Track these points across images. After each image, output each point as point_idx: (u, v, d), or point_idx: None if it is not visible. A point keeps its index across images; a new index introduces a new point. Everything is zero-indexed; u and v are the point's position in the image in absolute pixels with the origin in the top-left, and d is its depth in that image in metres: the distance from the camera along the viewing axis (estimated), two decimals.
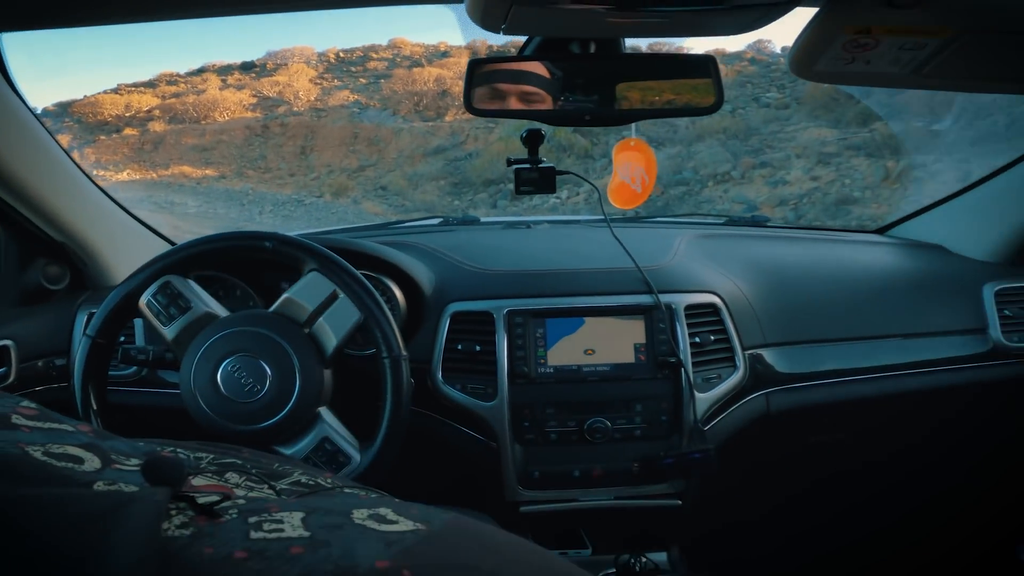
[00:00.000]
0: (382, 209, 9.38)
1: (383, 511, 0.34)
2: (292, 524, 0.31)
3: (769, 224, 1.49)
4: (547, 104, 0.99)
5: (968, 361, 1.22)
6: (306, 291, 0.94)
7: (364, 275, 0.97)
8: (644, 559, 1.12)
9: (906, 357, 1.20)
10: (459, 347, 1.08)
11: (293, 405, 0.90)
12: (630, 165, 1.06)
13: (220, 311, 0.96)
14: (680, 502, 1.11)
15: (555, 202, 7.20)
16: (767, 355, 1.15)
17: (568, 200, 7.12)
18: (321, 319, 0.93)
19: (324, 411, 0.94)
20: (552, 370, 1.07)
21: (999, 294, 1.24)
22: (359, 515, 0.33)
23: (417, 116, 12.99)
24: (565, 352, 1.08)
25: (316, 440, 0.92)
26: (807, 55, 0.68)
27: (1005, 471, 1.48)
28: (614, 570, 1.12)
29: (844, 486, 1.55)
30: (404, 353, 0.93)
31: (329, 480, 0.48)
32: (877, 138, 6.74)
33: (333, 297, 0.93)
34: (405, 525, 0.33)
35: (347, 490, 0.44)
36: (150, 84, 15.25)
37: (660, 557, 1.16)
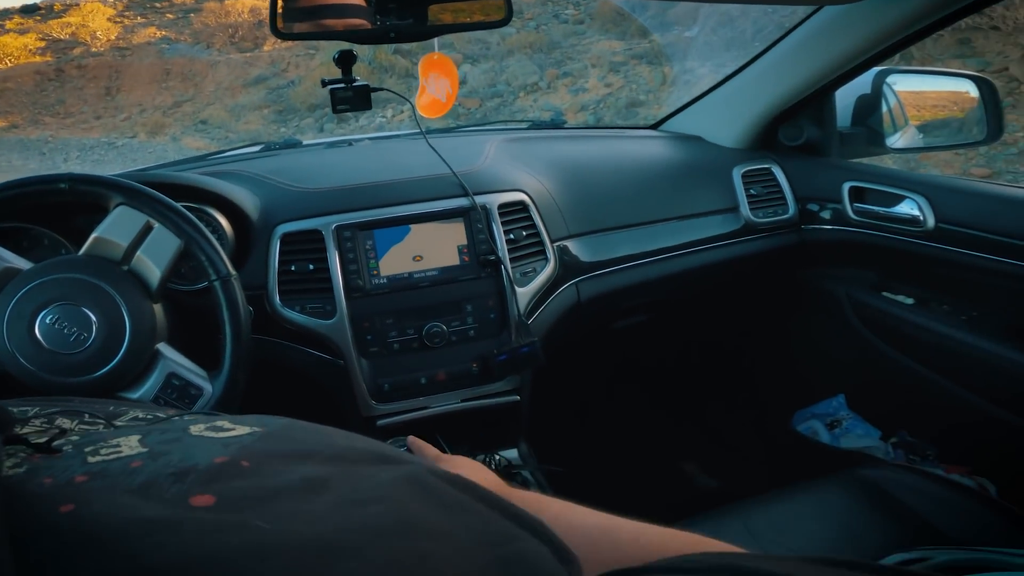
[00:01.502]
0: (205, 143, 8.40)
1: (220, 423, 0.33)
2: (129, 445, 0.29)
3: (566, 126, 1.54)
4: (351, 23, 0.95)
5: (727, 238, 1.28)
6: (116, 227, 0.83)
7: (185, 207, 0.87)
8: (498, 457, 1.13)
9: (680, 238, 1.25)
10: (292, 268, 1.01)
11: (128, 346, 0.80)
12: (435, 76, 1.03)
13: (22, 264, 0.82)
14: (518, 397, 1.11)
15: (381, 121, 6.88)
16: (572, 246, 1.17)
17: (394, 119, 6.84)
18: (139, 253, 0.83)
19: (163, 347, 0.85)
20: (385, 280, 1.04)
21: (745, 175, 1.32)
22: (196, 429, 0.32)
23: (233, 48, 11.58)
24: (395, 261, 1.04)
25: (162, 378, 0.84)
26: None
27: (771, 344, 1.61)
28: None
29: (649, 368, 1.66)
30: (233, 272, 0.85)
31: (170, 414, 0.45)
32: (656, 48, 7.12)
33: (147, 228, 0.83)
34: (242, 430, 0.32)
35: (186, 417, 0.42)
36: None
37: (512, 454, 1.17)
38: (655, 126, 1.57)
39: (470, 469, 0.56)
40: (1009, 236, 1.03)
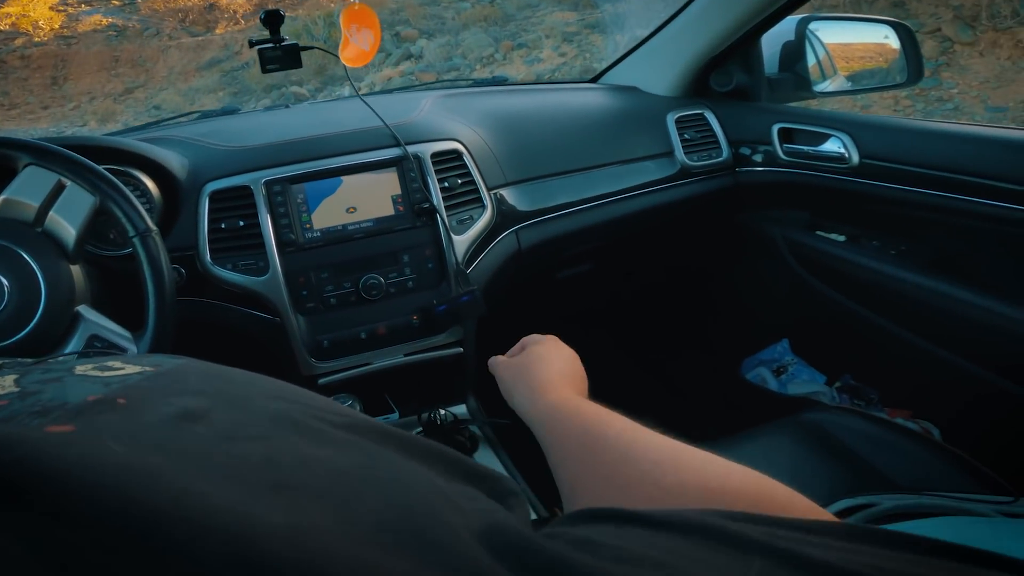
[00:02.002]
0: None
1: (111, 363, 0.30)
2: (2, 386, 0.26)
3: (508, 82, 1.50)
4: None
5: (664, 182, 1.27)
6: (26, 187, 0.78)
7: (108, 169, 0.82)
8: (444, 412, 1.09)
9: (617, 184, 1.24)
10: (223, 226, 0.96)
11: (44, 309, 0.76)
12: (356, 27, 0.99)
13: None
14: (462, 349, 1.07)
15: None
16: (509, 194, 1.14)
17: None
18: (52, 213, 0.78)
19: (84, 309, 0.80)
20: (319, 233, 0.99)
21: (678, 121, 1.32)
22: (82, 368, 0.29)
23: (185, 32, 11.11)
24: (328, 213, 1.00)
25: (83, 340, 0.79)
26: None
27: (716, 291, 1.60)
28: (421, 428, 1.07)
29: (596, 319, 1.64)
30: (153, 228, 0.80)
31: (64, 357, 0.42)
32: (607, 17, 7.07)
33: (59, 188, 0.78)
34: (132, 370, 0.29)
35: (78, 357, 0.39)
36: None
37: (460, 409, 1.13)
38: (593, 80, 1.54)
39: (555, 350, 0.56)
40: (928, 167, 1.05)
